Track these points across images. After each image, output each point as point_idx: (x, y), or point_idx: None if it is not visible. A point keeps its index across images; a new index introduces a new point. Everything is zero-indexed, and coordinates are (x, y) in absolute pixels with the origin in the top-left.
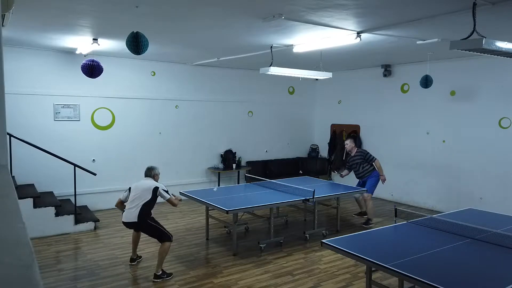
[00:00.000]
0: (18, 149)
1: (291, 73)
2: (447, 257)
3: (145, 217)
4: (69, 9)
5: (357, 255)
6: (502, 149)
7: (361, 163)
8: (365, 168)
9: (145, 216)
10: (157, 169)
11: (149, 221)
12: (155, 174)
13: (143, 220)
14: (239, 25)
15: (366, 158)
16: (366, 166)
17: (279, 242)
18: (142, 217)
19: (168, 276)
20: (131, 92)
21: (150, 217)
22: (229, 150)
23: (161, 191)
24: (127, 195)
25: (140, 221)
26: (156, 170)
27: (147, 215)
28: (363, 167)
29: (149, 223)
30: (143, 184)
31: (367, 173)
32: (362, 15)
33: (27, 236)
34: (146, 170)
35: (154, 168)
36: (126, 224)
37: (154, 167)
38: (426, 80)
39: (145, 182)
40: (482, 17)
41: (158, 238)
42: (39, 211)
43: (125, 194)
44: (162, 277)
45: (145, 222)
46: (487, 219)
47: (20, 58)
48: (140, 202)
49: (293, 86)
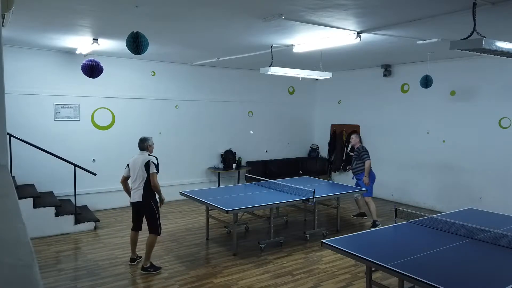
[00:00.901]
0: (18, 149)
1: (291, 73)
2: (447, 257)
3: (149, 198)
4: (69, 9)
5: (357, 255)
6: (502, 149)
7: (355, 159)
8: (358, 165)
9: (149, 196)
10: (150, 139)
11: (152, 203)
12: (149, 145)
13: (147, 200)
14: (239, 25)
15: (361, 155)
16: (359, 163)
17: (279, 242)
18: (146, 197)
19: (155, 270)
20: (131, 92)
21: (154, 197)
22: (229, 150)
23: (150, 163)
24: (128, 170)
25: (144, 201)
26: (149, 141)
27: (152, 194)
28: (356, 163)
29: (151, 206)
30: (138, 160)
31: (359, 171)
32: (362, 15)
33: (27, 236)
34: (139, 142)
35: (147, 139)
36: (132, 204)
37: (147, 138)
38: (426, 80)
39: (139, 158)
40: (482, 17)
41: (149, 226)
42: (39, 211)
43: (126, 170)
44: (149, 270)
45: (149, 203)
46: (487, 219)
47: (20, 58)
48: (141, 182)
49: (293, 86)
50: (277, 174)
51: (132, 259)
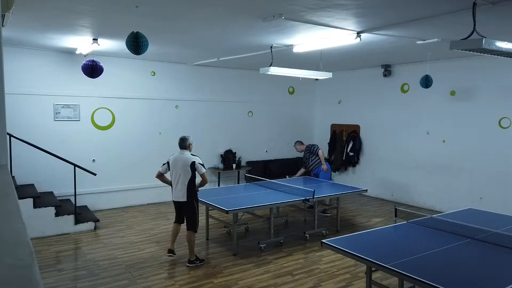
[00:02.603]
0: (18, 149)
1: (291, 73)
2: (447, 257)
3: (192, 197)
4: (69, 9)
5: (357, 255)
6: (502, 149)
7: (309, 156)
8: (314, 160)
9: (193, 194)
10: (190, 138)
11: (194, 202)
12: (189, 143)
13: (190, 199)
14: (239, 25)
15: (312, 150)
16: (313, 158)
17: (279, 242)
18: (190, 196)
19: (201, 261)
20: (131, 92)
21: (196, 196)
22: (229, 150)
23: (197, 165)
24: (166, 167)
25: (188, 200)
26: (189, 140)
27: (194, 193)
28: (312, 160)
29: (193, 205)
30: (181, 158)
31: (316, 165)
32: (362, 15)
33: (27, 236)
34: (180, 141)
35: (187, 138)
36: (175, 203)
37: (187, 137)
38: (426, 80)
39: (182, 157)
40: (482, 17)
41: (188, 223)
42: (39, 211)
43: (164, 167)
44: (195, 262)
45: (191, 202)
46: (487, 219)
47: (20, 58)
48: (186, 181)
49: (293, 86)
50: (277, 174)
51: (170, 250)
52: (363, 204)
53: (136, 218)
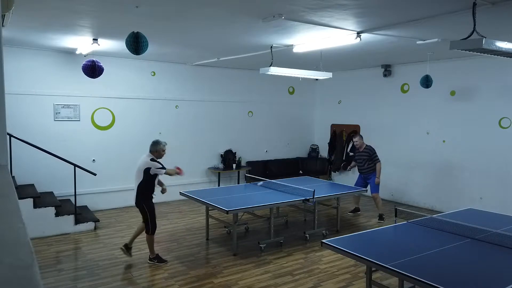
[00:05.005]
0: (18, 149)
1: (291, 73)
2: (447, 257)
3: (141, 200)
4: (69, 9)
5: (357, 255)
6: (502, 149)
7: (367, 160)
8: (370, 166)
9: (142, 198)
10: (161, 144)
11: (143, 205)
12: (159, 149)
13: (139, 203)
14: (239, 25)
15: (372, 157)
16: (371, 164)
17: (279, 242)
18: (139, 200)
19: (160, 261)
20: (131, 92)
21: (146, 200)
22: (229, 150)
23: (154, 170)
24: None
25: (137, 204)
26: (161, 145)
27: (144, 197)
28: (368, 164)
29: (144, 208)
30: (140, 162)
31: (371, 170)
32: (362, 15)
33: (27, 236)
34: (150, 145)
35: (159, 143)
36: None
37: (159, 142)
38: (426, 80)
39: (141, 160)
40: (482, 17)
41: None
42: (39, 211)
43: None
44: (153, 261)
45: (142, 206)
46: (487, 219)
47: (20, 58)
48: (136, 184)
49: (293, 86)
50: (277, 174)
51: (126, 244)
52: (363, 204)
53: (136, 218)
